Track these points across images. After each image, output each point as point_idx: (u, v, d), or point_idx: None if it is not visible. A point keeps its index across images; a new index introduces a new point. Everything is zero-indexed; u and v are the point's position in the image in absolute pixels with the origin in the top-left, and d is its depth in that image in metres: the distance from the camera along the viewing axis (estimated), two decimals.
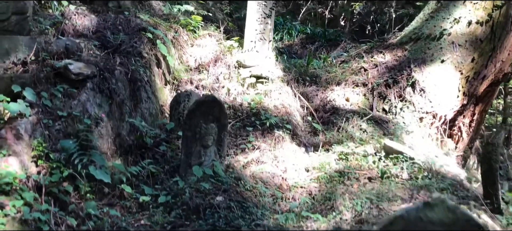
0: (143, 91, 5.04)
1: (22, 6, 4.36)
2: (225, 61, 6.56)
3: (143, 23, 5.92)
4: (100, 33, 5.36)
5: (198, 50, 6.84)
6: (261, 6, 6.57)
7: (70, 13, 5.52)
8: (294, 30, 9.82)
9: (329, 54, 8.60)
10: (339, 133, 5.65)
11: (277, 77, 6.31)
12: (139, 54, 5.39)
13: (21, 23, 4.40)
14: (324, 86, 6.82)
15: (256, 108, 5.66)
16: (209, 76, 6.43)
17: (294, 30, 9.82)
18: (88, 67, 4.27)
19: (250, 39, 6.59)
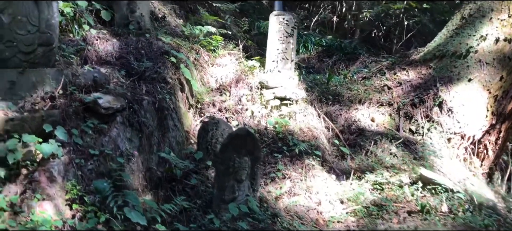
0: (170, 119, 4.91)
1: (48, 38, 4.23)
2: (247, 81, 6.44)
3: (165, 46, 5.80)
4: (124, 59, 5.23)
5: (218, 70, 6.72)
6: (282, 25, 6.44)
7: (92, 38, 5.41)
8: (310, 43, 9.68)
9: (348, 68, 8.47)
10: (368, 157, 5.51)
11: (301, 98, 6.16)
12: (164, 79, 5.26)
13: (48, 54, 4.27)
14: (347, 105, 6.68)
15: (282, 132, 5.52)
16: (231, 97, 6.30)
17: (310, 43, 9.68)
18: (117, 100, 4.14)
19: (272, 59, 6.46)
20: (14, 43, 4.13)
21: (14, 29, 4.14)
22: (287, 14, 6.45)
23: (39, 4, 4.18)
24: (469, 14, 6.78)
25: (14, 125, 3.53)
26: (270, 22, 6.44)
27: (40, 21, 4.20)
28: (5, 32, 4.09)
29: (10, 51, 4.13)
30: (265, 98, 6.10)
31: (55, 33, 4.30)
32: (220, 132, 4.83)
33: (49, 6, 4.24)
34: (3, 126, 3.52)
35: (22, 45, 4.16)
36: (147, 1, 6.21)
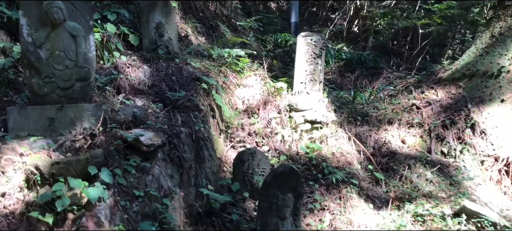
0: (205, 149, 4.84)
1: (86, 72, 4.18)
2: (275, 104, 6.36)
3: (195, 71, 5.73)
4: (156, 88, 5.17)
5: (244, 91, 6.64)
6: (310, 46, 6.36)
7: (122, 65, 5.35)
8: (330, 57, 9.59)
9: (372, 84, 8.38)
10: (403, 183, 5.42)
11: (331, 121, 6.08)
12: (196, 107, 5.19)
13: (85, 89, 4.22)
14: (376, 125, 6.59)
15: (315, 158, 5.43)
16: (259, 120, 6.22)
17: (330, 57, 9.59)
18: (157, 136, 4.07)
19: (299, 80, 6.38)
20: (52, 79, 4.08)
21: (52, 65, 4.09)
22: (315, 35, 6.37)
23: (76, 38, 4.13)
24: (499, 32, 6.68)
25: (60, 168, 3.47)
26: (297, 43, 6.36)
27: (78, 56, 4.15)
28: (44, 68, 4.05)
29: (48, 87, 4.08)
30: (295, 121, 6.02)
31: (92, 67, 4.24)
32: (257, 162, 4.76)
33: (86, 39, 4.19)
34: (49, 170, 3.45)
35: (60, 80, 4.11)
36: (175, 24, 6.14)
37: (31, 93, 4.11)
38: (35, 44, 4.03)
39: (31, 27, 4.04)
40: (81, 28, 4.15)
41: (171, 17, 6.03)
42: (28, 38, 4.04)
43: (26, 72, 4.10)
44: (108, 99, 4.45)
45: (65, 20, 4.08)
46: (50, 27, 4.05)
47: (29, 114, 4.00)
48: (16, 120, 3.97)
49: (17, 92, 4.68)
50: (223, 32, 8.92)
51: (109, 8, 6.33)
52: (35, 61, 4.02)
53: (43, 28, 4.05)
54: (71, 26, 4.10)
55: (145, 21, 5.89)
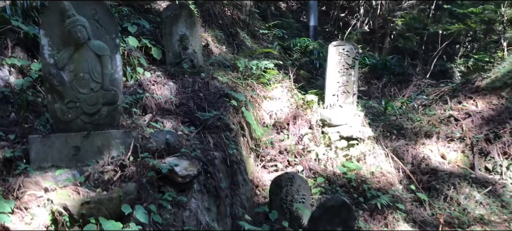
0: (239, 174, 4.48)
1: (113, 96, 3.82)
2: (305, 118, 5.98)
3: (223, 86, 5.37)
4: (184, 107, 4.81)
5: (272, 104, 6.27)
6: (342, 56, 5.98)
7: (147, 82, 5.00)
8: None
9: (401, 92, 7.96)
10: (450, 204, 5.02)
11: (368, 136, 5.68)
12: (227, 126, 4.83)
13: (112, 114, 3.86)
14: (413, 139, 6.19)
15: (355, 180, 5.05)
16: (289, 136, 5.85)
17: None
18: (192, 165, 3.71)
19: (331, 93, 6.00)
20: (76, 104, 3.73)
21: (76, 88, 3.74)
22: (347, 45, 5.98)
23: (102, 58, 3.77)
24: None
25: (90, 208, 3.12)
26: (329, 53, 5.98)
27: (104, 77, 3.80)
28: (67, 92, 3.70)
29: (73, 113, 3.73)
30: (329, 138, 5.63)
31: (119, 89, 3.89)
32: (296, 188, 4.39)
33: (112, 59, 3.83)
34: (78, 210, 3.10)
35: (85, 105, 3.75)
36: (199, 36, 5.77)
37: (54, 119, 3.75)
38: (58, 66, 3.68)
39: (53, 47, 3.69)
40: (106, 47, 3.79)
41: (195, 29, 5.67)
42: (49, 59, 3.69)
43: (48, 96, 3.75)
44: (136, 123, 4.08)
45: (89, 39, 3.73)
46: (73, 47, 3.70)
47: (52, 143, 3.64)
48: (38, 149, 3.62)
49: (37, 115, 4.33)
50: (243, 39, 8.56)
51: (128, 19, 5.98)
52: (58, 85, 3.66)
53: (66, 48, 3.70)
54: (96, 45, 3.75)
55: (168, 33, 5.53)
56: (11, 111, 4.23)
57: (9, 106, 4.28)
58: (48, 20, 3.68)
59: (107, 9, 3.81)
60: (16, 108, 4.24)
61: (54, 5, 3.66)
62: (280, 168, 5.30)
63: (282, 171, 5.34)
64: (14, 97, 4.33)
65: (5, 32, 4.80)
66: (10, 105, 4.29)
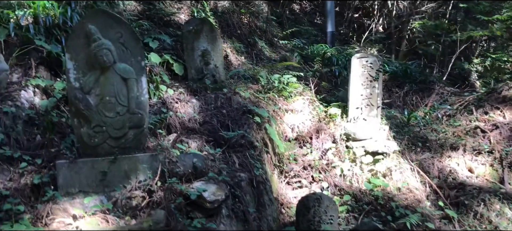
0: (265, 193, 4.41)
1: (140, 119, 3.78)
2: (328, 132, 5.87)
3: (245, 102, 5.30)
4: (208, 125, 4.76)
5: (293, 117, 6.18)
6: (366, 68, 5.87)
7: (170, 100, 4.96)
8: None
9: (423, 101, 7.80)
10: (480, 222, 4.88)
11: (393, 151, 5.56)
12: (251, 144, 4.76)
13: (138, 137, 3.82)
14: (438, 152, 6.04)
15: (382, 197, 4.93)
16: (312, 150, 5.75)
17: None
18: (220, 189, 3.65)
19: (355, 106, 5.89)
20: (103, 128, 3.69)
21: (102, 112, 3.71)
22: (370, 57, 5.87)
23: (128, 82, 3.74)
24: None
25: None
26: (352, 66, 5.87)
27: (130, 101, 3.76)
28: (93, 116, 3.66)
29: (99, 137, 3.70)
30: (354, 152, 5.52)
31: (145, 112, 3.84)
32: (324, 209, 4.30)
33: (138, 82, 3.79)
34: None
35: (111, 129, 3.72)
36: (221, 51, 5.71)
37: (80, 144, 3.73)
38: (84, 90, 3.65)
39: (78, 71, 3.66)
40: (132, 70, 3.75)
41: (216, 44, 5.61)
42: (75, 83, 3.66)
43: (74, 120, 3.72)
44: (162, 145, 4.03)
45: (115, 62, 3.69)
46: (99, 71, 3.67)
47: (80, 169, 3.61)
48: (66, 175, 3.60)
49: (61, 136, 4.32)
50: (261, 48, 8.49)
51: (149, 34, 5.95)
52: (84, 109, 3.63)
53: (92, 72, 3.67)
54: (121, 68, 3.71)
55: (190, 49, 5.49)
56: (36, 133, 4.22)
57: (35, 128, 4.28)
58: (73, 44, 3.65)
59: (132, 31, 3.77)
60: (41, 130, 4.24)
61: (79, 29, 3.64)
62: (304, 184, 5.22)
63: (306, 188, 5.26)
64: (39, 118, 4.32)
65: (29, 52, 4.80)
66: (35, 127, 4.29)
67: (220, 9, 8.50)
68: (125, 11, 6.69)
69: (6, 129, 3.94)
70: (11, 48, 4.94)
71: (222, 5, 8.86)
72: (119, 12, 6.54)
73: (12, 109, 4.09)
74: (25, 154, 3.85)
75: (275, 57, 8.39)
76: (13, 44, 4.90)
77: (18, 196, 3.50)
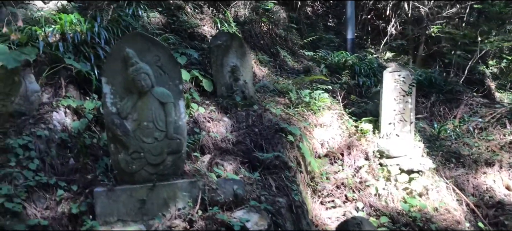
0: (303, 217, 4.28)
1: (178, 144, 3.67)
2: (360, 148, 5.72)
3: (277, 120, 5.18)
4: (242, 145, 4.64)
5: (322, 132, 6.03)
6: (398, 83, 5.70)
7: (202, 119, 4.84)
8: None
9: (451, 112, 7.61)
10: None
11: (429, 168, 5.39)
12: (286, 165, 4.63)
13: (177, 162, 3.71)
14: (472, 168, 5.87)
15: (420, 219, 4.77)
16: (344, 168, 5.60)
17: None
18: (262, 219, 3.53)
19: (387, 121, 5.73)
20: (141, 154, 3.59)
21: (140, 137, 3.60)
22: (403, 71, 5.71)
23: (166, 106, 3.63)
24: None
25: None
26: (384, 80, 5.71)
27: (168, 126, 3.65)
28: (131, 142, 3.56)
29: (137, 164, 3.59)
30: (389, 170, 5.36)
31: (183, 137, 3.73)
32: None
33: (176, 106, 3.68)
34: None
35: (150, 155, 3.61)
36: (250, 66, 5.59)
37: (117, 170, 3.62)
38: (121, 115, 3.54)
39: (115, 95, 3.56)
40: (170, 94, 3.64)
41: (246, 59, 5.49)
42: (112, 108, 3.56)
43: (110, 146, 3.62)
44: (199, 170, 3.92)
45: (152, 86, 3.58)
46: (136, 95, 3.56)
47: (117, 197, 3.51)
48: (104, 203, 3.50)
49: (95, 159, 4.22)
50: (284, 58, 8.35)
51: (176, 49, 5.85)
52: (122, 135, 3.53)
53: (129, 96, 3.56)
54: (159, 92, 3.60)
55: (219, 65, 5.37)
56: (69, 157, 4.13)
57: (68, 151, 4.19)
58: (110, 68, 3.55)
59: (170, 55, 3.66)
60: (74, 154, 4.14)
61: (116, 53, 3.54)
62: (338, 204, 5.08)
63: (340, 207, 5.12)
64: (71, 141, 4.23)
65: (58, 71, 4.72)
66: (68, 150, 4.20)
67: (241, 19, 8.38)
68: (149, 24, 6.59)
69: (40, 153, 3.85)
70: (39, 66, 4.86)
71: (243, 14, 8.75)
72: (143, 25, 6.45)
73: (45, 132, 4.01)
74: (60, 179, 3.76)
75: (298, 68, 8.26)
76: (42, 63, 4.83)
77: (56, 225, 3.41)
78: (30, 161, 3.71)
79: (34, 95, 4.26)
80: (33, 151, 3.79)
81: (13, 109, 4.12)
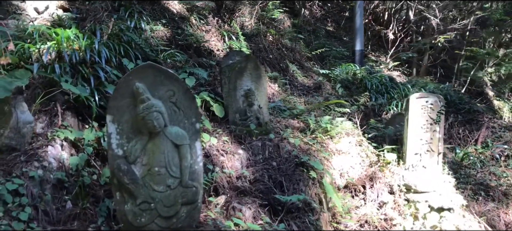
0: None
1: (194, 193, 3.18)
2: (383, 180, 5.24)
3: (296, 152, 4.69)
4: (260, 184, 4.15)
5: (340, 160, 5.55)
6: (426, 110, 5.25)
7: (214, 151, 4.33)
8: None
9: (471, 134, 7.17)
10: None
11: (460, 205, 4.94)
12: (309, 206, 4.15)
13: (192, 214, 3.22)
14: (502, 201, 5.44)
15: None
16: (367, 202, 5.12)
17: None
18: None
19: (413, 151, 5.27)
20: (151, 205, 3.09)
21: (150, 185, 3.10)
22: (431, 97, 5.26)
23: (180, 148, 3.13)
24: None
25: None
26: (410, 107, 5.24)
27: (183, 171, 3.16)
28: (140, 191, 3.04)
29: (147, 217, 3.09)
30: (417, 207, 4.90)
31: (200, 184, 3.24)
32: None
33: (192, 147, 3.18)
34: None
35: (161, 206, 3.11)
36: (265, 90, 5.09)
37: (124, 223, 3.12)
38: (128, 159, 3.04)
39: (121, 136, 3.06)
40: (185, 134, 3.15)
41: (261, 82, 5.00)
42: (118, 150, 3.05)
43: (115, 194, 3.11)
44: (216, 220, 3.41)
45: (165, 126, 3.07)
46: (146, 137, 3.06)
47: None
48: None
49: (95, 201, 3.70)
50: (293, 73, 7.87)
51: (183, 68, 5.33)
52: (130, 182, 3.02)
53: (138, 137, 3.07)
54: (173, 133, 3.10)
55: (232, 88, 4.87)
56: (66, 200, 3.60)
57: (64, 193, 3.67)
58: (116, 104, 3.05)
59: (187, 89, 3.16)
60: (72, 196, 3.62)
61: (124, 87, 3.04)
62: None
63: None
64: (69, 180, 3.70)
65: (54, 96, 4.19)
66: (65, 191, 3.67)
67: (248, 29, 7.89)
68: (153, 38, 6.07)
69: (33, 199, 3.32)
70: (32, 90, 4.32)
71: (249, 24, 8.26)
72: (147, 39, 5.93)
73: (39, 172, 3.49)
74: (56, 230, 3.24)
75: (309, 84, 7.78)
76: (35, 87, 4.29)
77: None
78: (21, 209, 3.18)
79: (26, 127, 3.72)
80: (25, 197, 3.25)
81: (2, 144, 3.59)
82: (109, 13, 6.12)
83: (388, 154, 5.36)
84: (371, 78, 8.73)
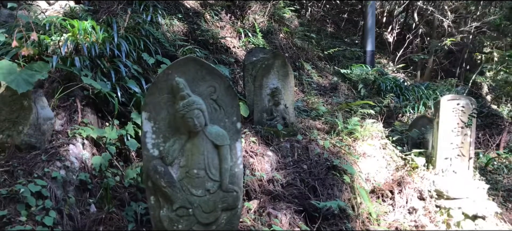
0: None
1: (234, 198, 2.93)
2: (412, 185, 5.02)
3: (327, 155, 4.45)
4: (293, 188, 3.92)
5: (366, 164, 5.32)
6: (457, 112, 5.04)
7: (244, 153, 4.08)
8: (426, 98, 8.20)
9: (492, 139, 6.99)
10: None
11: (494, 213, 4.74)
12: (344, 212, 3.92)
13: (231, 220, 2.97)
14: None
15: None
16: (395, 208, 4.90)
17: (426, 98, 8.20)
18: None
19: (444, 156, 5.06)
20: (189, 210, 2.82)
21: (188, 189, 2.84)
22: (462, 99, 5.05)
23: (221, 150, 2.87)
24: None
25: None
26: (441, 109, 5.03)
27: (223, 174, 2.90)
28: (177, 195, 2.78)
29: (184, 223, 2.83)
30: (450, 214, 4.69)
31: (240, 188, 2.99)
32: None
33: (232, 149, 2.92)
34: None
35: (200, 212, 2.85)
36: (292, 88, 4.85)
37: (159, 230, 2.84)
38: (166, 161, 2.78)
39: (158, 135, 2.79)
40: (226, 134, 2.89)
41: (288, 80, 4.76)
42: (153, 150, 2.79)
43: (150, 199, 2.86)
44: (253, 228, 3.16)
45: (206, 125, 2.81)
46: (185, 136, 2.79)
47: None
48: None
49: (120, 204, 3.43)
50: (308, 72, 7.64)
51: None
52: (166, 186, 2.76)
53: (176, 136, 2.81)
54: (213, 133, 2.84)
55: (258, 86, 4.62)
56: (90, 203, 3.33)
57: (87, 195, 3.39)
58: (153, 100, 2.79)
59: (229, 86, 2.90)
60: (96, 199, 3.35)
61: (163, 82, 2.78)
62: None
63: None
64: (92, 181, 3.43)
65: (73, 91, 3.91)
66: (88, 194, 3.40)
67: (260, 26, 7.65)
68: (169, 33, 5.81)
69: (57, 202, 3.04)
70: (50, 84, 4.04)
71: (261, 21, 8.02)
72: (164, 33, 5.66)
73: (61, 173, 3.21)
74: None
75: (324, 83, 7.56)
76: (51, 80, 4.01)
77: None
78: (45, 213, 2.91)
79: (46, 124, 3.45)
80: (48, 199, 2.98)
81: (21, 141, 3.31)
82: (123, 6, 5.84)
83: (416, 158, 5.14)
84: (384, 80, 8.53)
